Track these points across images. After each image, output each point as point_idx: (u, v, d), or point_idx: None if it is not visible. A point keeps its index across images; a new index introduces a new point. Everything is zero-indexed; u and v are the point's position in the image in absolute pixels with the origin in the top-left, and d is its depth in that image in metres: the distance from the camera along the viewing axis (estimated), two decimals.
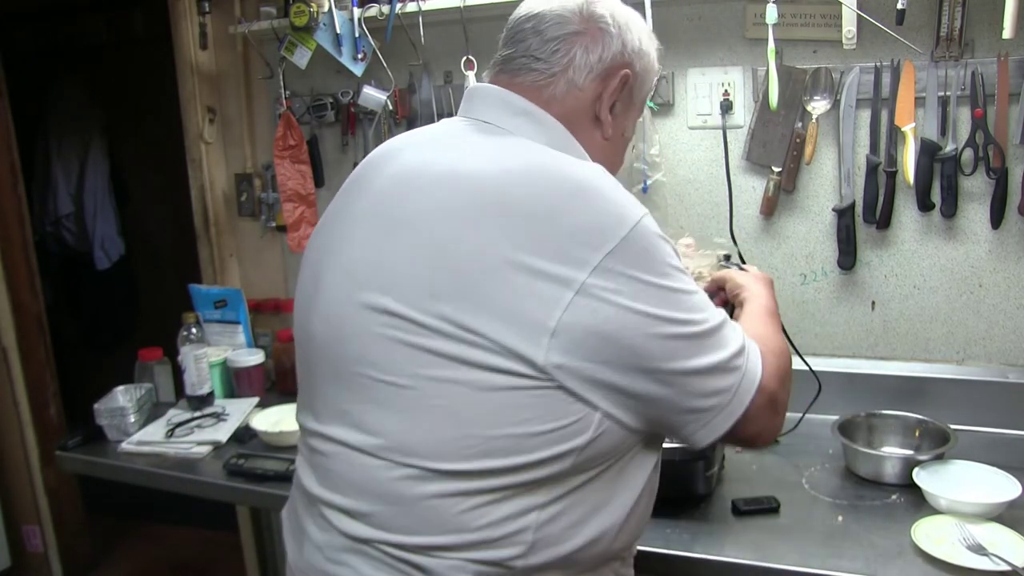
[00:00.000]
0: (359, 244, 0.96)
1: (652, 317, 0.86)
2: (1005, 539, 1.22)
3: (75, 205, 3.68)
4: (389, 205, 0.95)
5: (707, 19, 1.79)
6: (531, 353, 0.84)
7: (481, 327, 0.85)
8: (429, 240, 0.89)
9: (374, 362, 0.90)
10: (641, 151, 1.81)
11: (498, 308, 0.85)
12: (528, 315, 0.84)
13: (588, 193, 0.89)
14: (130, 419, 1.80)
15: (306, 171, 2.09)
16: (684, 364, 0.88)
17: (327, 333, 0.96)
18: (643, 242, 0.88)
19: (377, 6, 1.88)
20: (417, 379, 0.88)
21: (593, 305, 0.84)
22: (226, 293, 2.09)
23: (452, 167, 0.93)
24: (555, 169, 0.91)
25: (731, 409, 0.92)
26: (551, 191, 0.88)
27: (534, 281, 0.84)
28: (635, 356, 0.86)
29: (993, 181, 1.63)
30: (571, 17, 0.99)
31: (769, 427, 0.98)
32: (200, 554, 3.14)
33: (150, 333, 2.32)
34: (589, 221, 0.86)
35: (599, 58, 1.00)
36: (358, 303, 0.92)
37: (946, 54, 1.61)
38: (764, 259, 1.83)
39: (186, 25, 2.22)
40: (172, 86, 2.29)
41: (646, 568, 1.27)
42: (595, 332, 0.85)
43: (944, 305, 1.74)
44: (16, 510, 2.80)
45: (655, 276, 0.87)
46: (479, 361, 0.85)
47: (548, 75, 0.99)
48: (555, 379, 0.85)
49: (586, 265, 0.84)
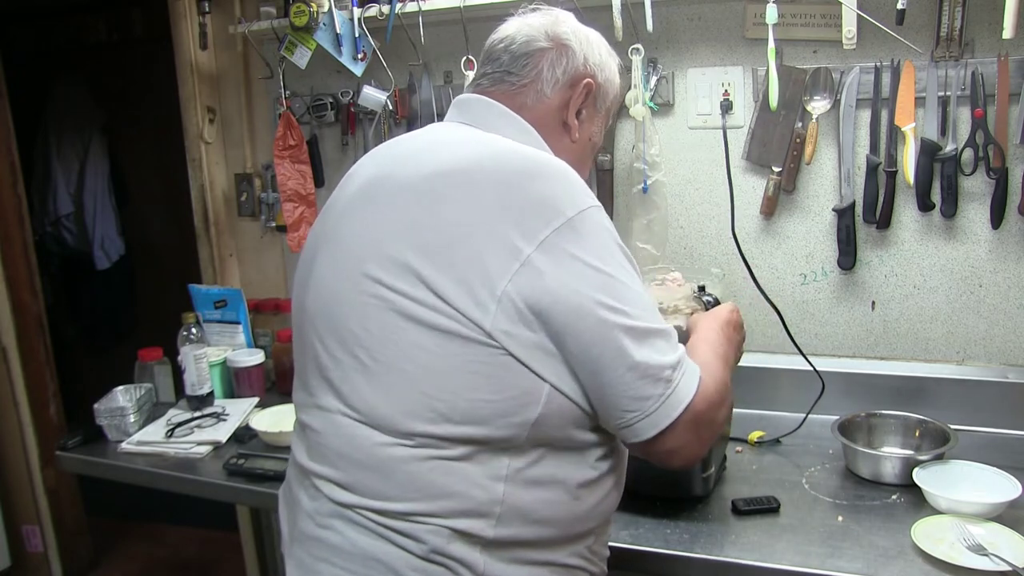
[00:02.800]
0: (348, 224, 1.05)
1: (588, 298, 0.92)
2: (1005, 539, 1.22)
3: (75, 205, 3.68)
4: (375, 186, 1.05)
5: (707, 19, 1.79)
6: (481, 318, 0.91)
7: (446, 290, 0.92)
8: (406, 211, 0.98)
9: (353, 328, 0.98)
10: (641, 151, 1.81)
11: (459, 272, 0.92)
12: (481, 280, 0.92)
13: (549, 174, 0.98)
14: (130, 419, 1.80)
15: (306, 171, 2.09)
16: (615, 352, 0.93)
17: (316, 306, 1.04)
18: (590, 226, 0.96)
19: (377, 6, 1.89)
20: (387, 344, 0.95)
21: (533, 278, 0.91)
22: (226, 293, 2.09)
23: (433, 153, 1.03)
24: (523, 153, 1.02)
25: (654, 419, 0.95)
26: (517, 168, 0.98)
27: (489, 246, 0.92)
28: (570, 332, 0.92)
29: (993, 181, 1.63)
30: (538, 36, 1.12)
31: (689, 449, 0.98)
32: (200, 554, 3.14)
33: (150, 333, 2.32)
34: (544, 196, 0.95)
35: (564, 70, 1.12)
36: (345, 272, 1.01)
37: (946, 54, 1.61)
38: (764, 259, 1.83)
39: (186, 25, 2.23)
40: (172, 86, 2.29)
41: (646, 568, 1.27)
42: (534, 303, 0.92)
43: (944, 305, 1.74)
44: (16, 510, 2.81)
45: (597, 260, 0.94)
46: (442, 325, 0.92)
47: (519, 85, 1.11)
48: (503, 346, 0.92)
49: (534, 239, 0.92)
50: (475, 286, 0.91)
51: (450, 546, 0.94)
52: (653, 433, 0.95)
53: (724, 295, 1.56)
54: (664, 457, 0.98)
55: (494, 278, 0.91)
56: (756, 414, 1.76)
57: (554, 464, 0.98)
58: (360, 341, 0.97)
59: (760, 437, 1.64)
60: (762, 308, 1.75)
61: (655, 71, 1.81)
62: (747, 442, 1.64)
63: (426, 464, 0.94)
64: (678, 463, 1.00)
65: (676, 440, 0.96)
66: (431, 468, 0.94)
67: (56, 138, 3.65)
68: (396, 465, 0.95)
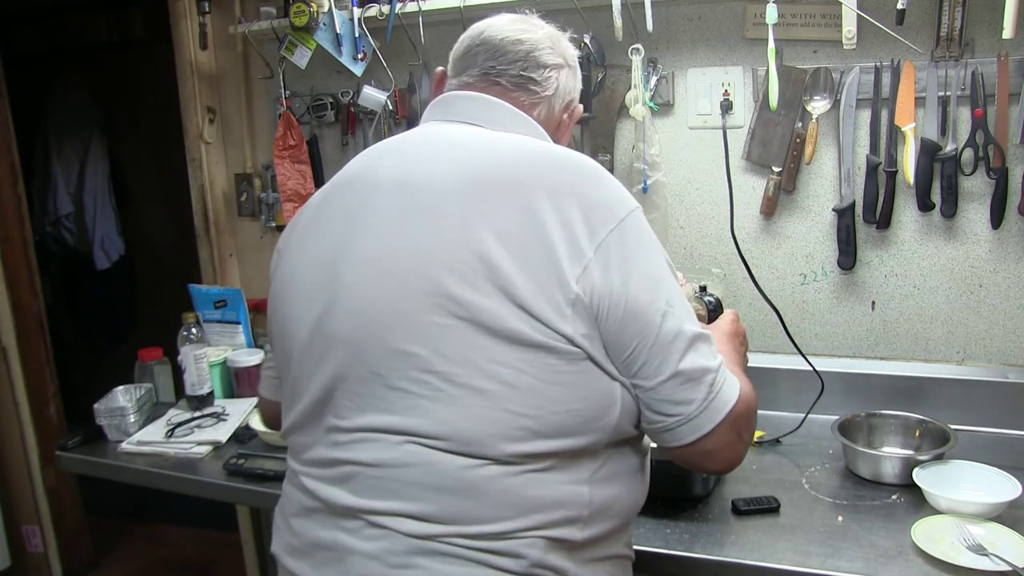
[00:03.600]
0: (383, 238, 0.96)
1: (645, 300, 0.92)
2: (1005, 539, 1.22)
3: (75, 205, 3.68)
4: (406, 195, 0.97)
5: (707, 19, 1.79)
6: (561, 325, 0.90)
7: (524, 299, 0.89)
8: (459, 220, 0.93)
9: (418, 351, 0.91)
10: (641, 151, 1.81)
11: (533, 279, 0.90)
12: (555, 285, 0.90)
13: (598, 174, 0.98)
14: (130, 419, 1.80)
15: (306, 171, 2.09)
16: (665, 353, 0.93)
17: (356, 330, 0.95)
18: (640, 227, 0.96)
19: (377, 6, 1.89)
20: (465, 364, 0.90)
21: (596, 279, 0.91)
22: (226, 293, 2.09)
23: (467, 157, 0.99)
24: (565, 153, 1.01)
25: (697, 423, 0.94)
26: (568, 168, 0.97)
27: (556, 250, 0.90)
28: (627, 332, 0.92)
29: (993, 181, 1.63)
30: (554, 49, 1.11)
31: (733, 450, 0.99)
32: (200, 554, 3.14)
33: (150, 333, 2.32)
34: (598, 197, 0.95)
35: (568, 90, 1.13)
36: (399, 290, 0.93)
37: (946, 54, 1.61)
38: (764, 259, 1.83)
39: (186, 25, 2.22)
40: (172, 86, 2.29)
41: (646, 568, 1.27)
42: (597, 303, 0.91)
43: (944, 305, 1.74)
44: (16, 510, 2.81)
45: (649, 262, 0.95)
46: (524, 337, 0.89)
47: (540, 96, 1.10)
48: (584, 350, 0.91)
49: (593, 240, 0.91)
50: (551, 292, 0.90)
51: (547, 556, 0.93)
52: (695, 437, 0.95)
53: (724, 295, 1.56)
54: (702, 459, 0.98)
55: (566, 282, 0.90)
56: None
57: (619, 457, 0.99)
58: (430, 365, 0.90)
59: (760, 437, 1.64)
60: (762, 308, 1.75)
61: (655, 71, 1.81)
62: None
63: (518, 479, 0.91)
64: (717, 466, 1.01)
65: (718, 442, 0.96)
66: (524, 483, 0.92)
67: (56, 138, 3.65)
68: (487, 485, 0.91)
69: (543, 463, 0.92)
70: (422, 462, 0.91)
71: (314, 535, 0.99)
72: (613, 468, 0.98)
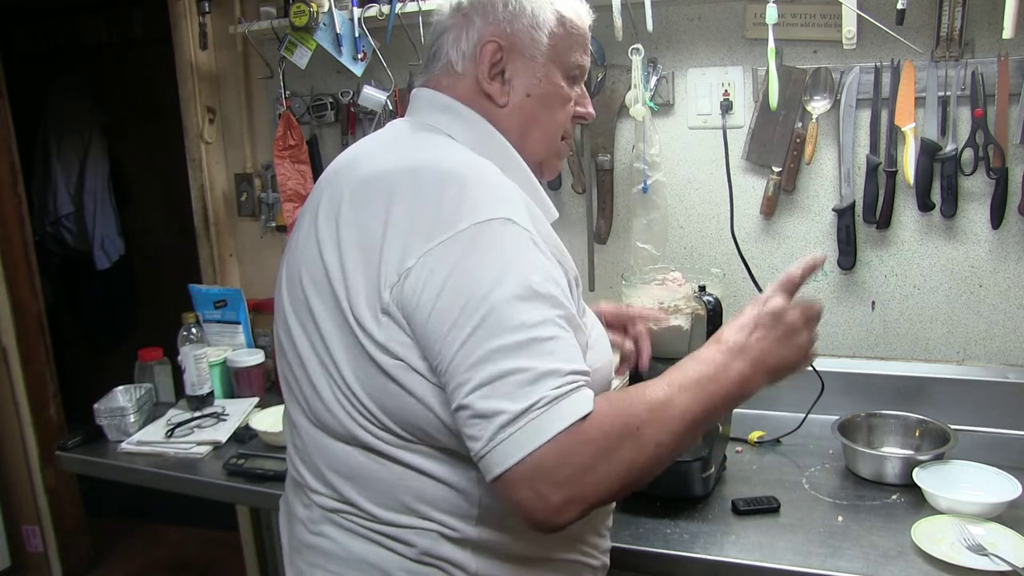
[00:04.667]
0: (297, 237, 1.06)
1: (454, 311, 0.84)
2: (1005, 539, 1.22)
3: (75, 205, 3.69)
4: (320, 203, 1.03)
5: (707, 19, 1.79)
6: (375, 331, 0.90)
7: (351, 307, 0.92)
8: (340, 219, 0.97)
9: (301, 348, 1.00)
10: (641, 151, 1.81)
11: (359, 290, 0.91)
12: (373, 294, 0.90)
13: (456, 185, 0.91)
14: (130, 419, 1.80)
15: (306, 171, 2.09)
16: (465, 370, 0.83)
17: (280, 329, 1.06)
18: (484, 239, 0.86)
19: (377, 6, 1.88)
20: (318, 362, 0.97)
21: (411, 287, 0.87)
22: (226, 293, 2.09)
23: (365, 165, 1.01)
24: (432, 163, 0.95)
25: (485, 463, 0.82)
26: (422, 181, 0.93)
27: (381, 260, 0.90)
28: (433, 343, 0.86)
29: (993, 181, 1.62)
30: (445, 14, 1.08)
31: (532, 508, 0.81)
32: (200, 554, 3.14)
33: (150, 333, 2.32)
34: (447, 208, 0.89)
35: (467, 41, 1.06)
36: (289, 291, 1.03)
37: (946, 54, 1.61)
38: (764, 259, 1.83)
39: (186, 25, 2.22)
40: (172, 86, 2.29)
41: (646, 568, 1.27)
42: (408, 311, 0.88)
43: (944, 305, 1.74)
44: (16, 510, 2.80)
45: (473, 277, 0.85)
46: (357, 343, 0.92)
47: (438, 70, 1.08)
48: (401, 357, 0.89)
49: (422, 248, 0.87)
50: (371, 300, 0.90)
51: (439, 547, 0.95)
52: (490, 477, 0.82)
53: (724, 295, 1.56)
54: (511, 507, 0.83)
55: (380, 291, 0.89)
56: (756, 414, 1.75)
57: None
58: (303, 362, 0.99)
59: (760, 437, 1.64)
60: None
61: (655, 71, 1.81)
62: (747, 442, 1.64)
63: (397, 470, 0.94)
64: (528, 519, 0.82)
65: (513, 494, 0.81)
66: (402, 475, 0.94)
67: (56, 138, 3.65)
68: (371, 474, 0.95)
69: (415, 457, 0.93)
70: (319, 446, 1.00)
71: (288, 497, 1.12)
72: None
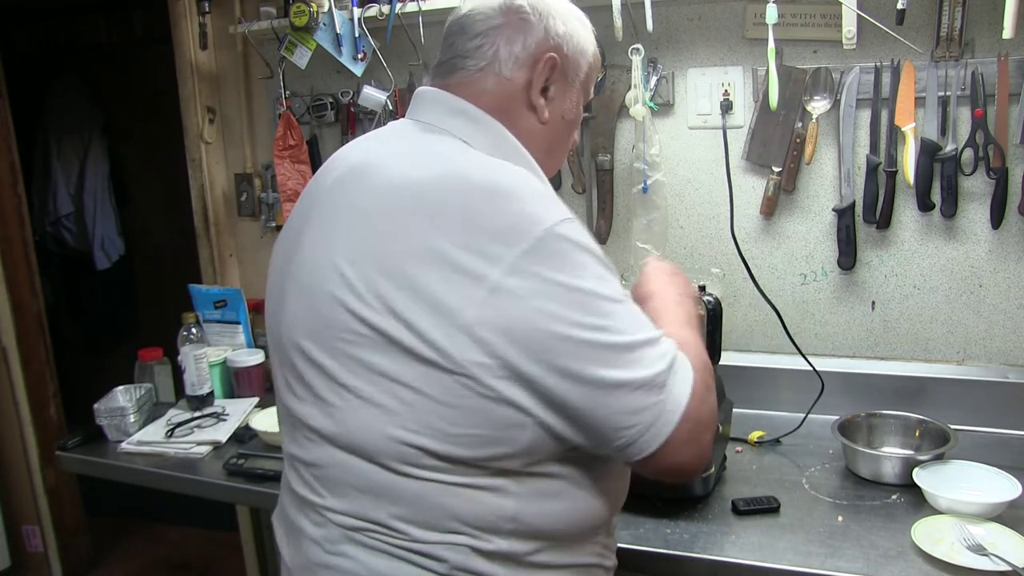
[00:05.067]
0: (310, 241, 0.99)
1: (561, 319, 0.85)
2: (1005, 539, 1.22)
3: (75, 205, 3.68)
4: (335, 204, 0.99)
5: (707, 19, 1.79)
6: (451, 350, 0.86)
7: (412, 316, 0.87)
8: (372, 232, 0.92)
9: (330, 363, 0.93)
10: (641, 151, 1.81)
11: (425, 299, 0.86)
12: (447, 308, 0.86)
13: (503, 196, 0.90)
14: (130, 419, 1.80)
15: (306, 171, 2.09)
16: (596, 372, 0.86)
17: (292, 340, 0.99)
18: (557, 244, 0.87)
19: (377, 6, 1.88)
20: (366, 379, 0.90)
21: (504, 303, 0.85)
22: (226, 293, 2.09)
23: (388, 171, 0.96)
24: (481, 174, 0.93)
25: (650, 436, 0.89)
26: (474, 193, 0.90)
27: (453, 275, 0.86)
28: (546, 356, 0.85)
29: (993, 181, 1.62)
30: (492, 13, 1.02)
31: (693, 458, 0.93)
32: (200, 554, 3.14)
33: (150, 333, 2.33)
34: (504, 222, 0.87)
35: (523, 47, 1.02)
36: (315, 301, 0.95)
37: (946, 54, 1.61)
38: (764, 259, 1.83)
39: (186, 25, 2.22)
40: (172, 86, 2.29)
41: (646, 568, 1.27)
42: (507, 331, 0.85)
43: (944, 305, 1.74)
44: (16, 510, 2.81)
45: (569, 277, 0.86)
46: (416, 355, 0.87)
47: (476, 70, 1.02)
48: (473, 376, 0.86)
49: (499, 262, 0.85)
50: (441, 312, 0.86)
51: (471, 562, 0.92)
52: (658, 444, 0.89)
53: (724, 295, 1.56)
54: (670, 470, 0.93)
55: (460, 305, 0.85)
56: (756, 414, 1.75)
57: (557, 475, 0.94)
58: (336, 377, 0.93)
59: (760, 437, 1.64)
60: (762, 308, 1.75)
61: (655, 71, 1.81)
62: (747, 442, 1.64)
63: (432, 488, 0.91)
64: (685, 477, 0.95)
65: (680, 455, 0.91)
66: (437, 492, 0.91)
67: (56, 138, 3.65)
68: (401, 492, 0.92)
69: (453, 476, 0.91)
70: (340, 463, 0.95)
71: (289, 513, 1.06)
72: (547, 485, 0.94)
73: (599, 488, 0.99)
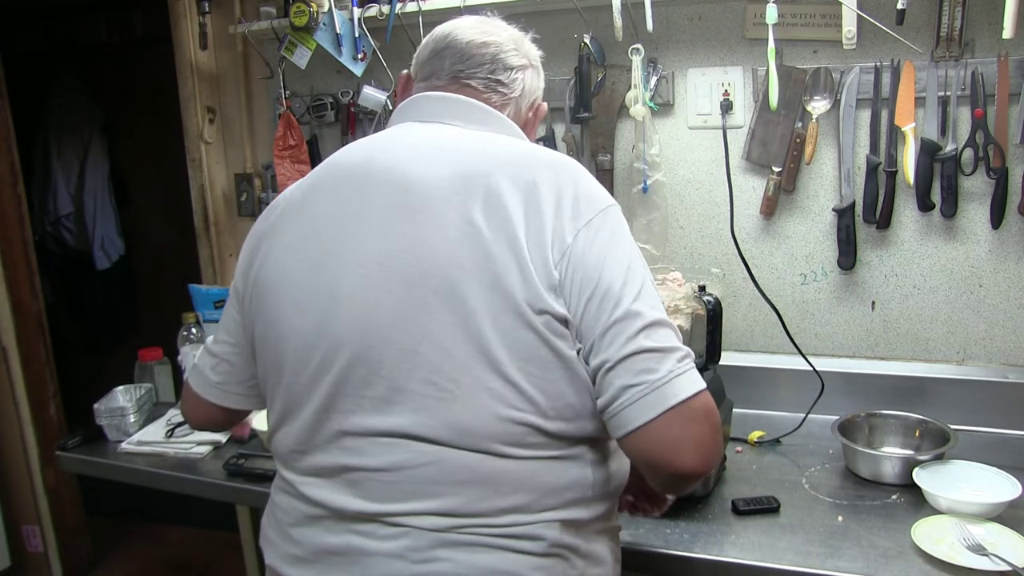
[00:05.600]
0: (378, 236, 0.96)
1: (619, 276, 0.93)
2: (1005, 539, 1.22)
3: (75, 205, 3.68)
4: (403, 194, 0.97)
5: (707, 19, 1.79)
6: (558, 309, 0.92)
7: (520, 293, 0.91)
8: (461, 221, 0.94)
9: (429, 352, 0.92)
10: (641, 151, 1.81)
11: (527, 274, 0.91)
12: (543, 275, 0.92)
13: (583, 170, 1.02)
14: (130, 419, 1.80)
15: (306, 171, 2.07)
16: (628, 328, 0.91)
17: (367, 334, 0.94)
18: (620, 219, 0.99)
19: (377, 6, 1.89)
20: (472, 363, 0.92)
21: (575, 260, 0.93)
22: (226, 293, 2.07)
23: (456, 157, 0.99)
24: (550, 152, 1.05)
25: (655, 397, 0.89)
26: (562, 165, 1.00)
27: (546, 243, 0.93)
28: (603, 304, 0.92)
29: (993, 181, 1.62)
30: (519, 50, 1.12)
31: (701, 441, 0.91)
32: (200, 554, 3.14)
33: (150, 333, 2.33)
34: (588, 190, 0.98)
35: (533, 89, 1.14)
36: (407, 291, 0.93)
37: (946, 54, 1.61)
38: (764, 259, 1.83)
39: (186, 25, 2.22)
40: (172, 86, 2.29)
41: (646, 568, 1.27)
42: (575, 283, 0.93)
43: (944, 305, 1.74)
44: (16, 510, 2.80)
45: (628, 244, 0.97)
46: (525, 334, 0.92)
47: (508, 97, 1.11)
48: (568, 336, 0.93)
49: (578, 223, 0.94)
50: (542, 280, 0.92)
51: (563, 536, 0.97)
52: (662, 409, 0.88)
53: (724, 295, 1.56)
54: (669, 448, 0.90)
55: (550, 270, 0.92)
56: (756, 414, 1.76)
57: (608, 438, 0.99)
58: (437, 365, 0.92)
59: (760, 437, 1.64)
60: (762, 308, 1.75)
61: (655, 71, 1.81)
62: (747, 442, 1.64)
63: (530, 466, 0.95)
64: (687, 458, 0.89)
65: (686, 428, 0.90)
66: (535, 470, 0.95)
67: (56, 138, 3.65)
68: (501, 477, 0.94)
69: (551, 451, 0.96)
70: (434, 460, 0.93)
71: (321, 541, 0.99)
72: (605, 448, 1.02)
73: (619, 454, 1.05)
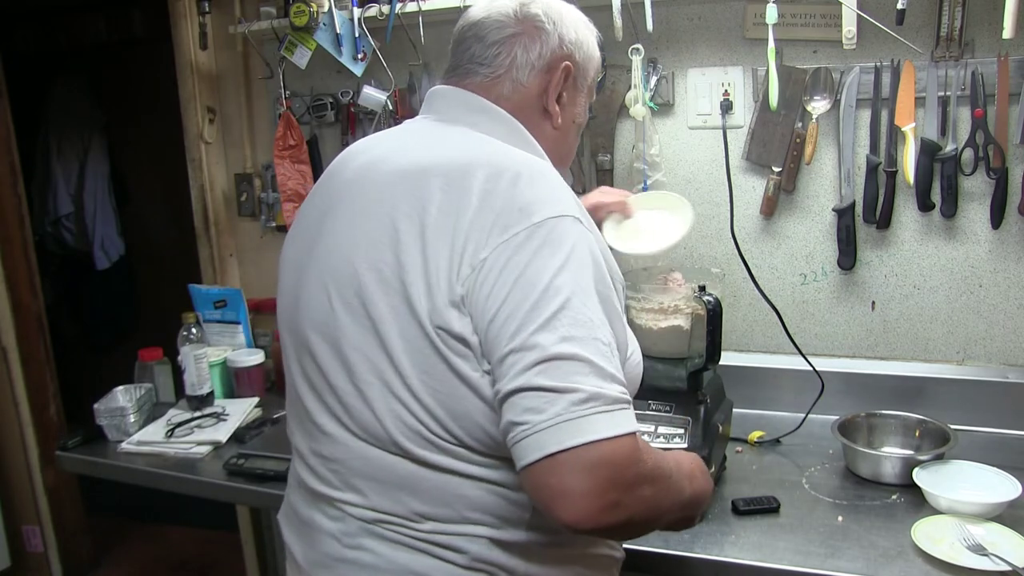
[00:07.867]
0: (332, 232, 1.00)
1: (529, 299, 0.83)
2: (1005, 539, 1.22)
3: (75, 205, 3.68)
4: (354, 195, 1.00)
5: (707, 19, 1.79)
6: (454, 327, 0.87)
7: (422, 303, 0.88)
8: (387, 221, 0.93)
9: (351, 354, 0.94)
10: (641, 151, 1.81)
11: (432, 284, 0.88)
12: (448, 286, 0.87)
13: (529, 177, 0.91)
14: (130, 419, 1.80)
15: (306, 171, 2.09)
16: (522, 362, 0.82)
17: (312, 331, 0.99)
18: (558, 235, 0.87)
19: (377, 6, 1.88)
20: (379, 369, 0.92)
21: (484, 277, 0.86)
22: (226, 293, 2.09)
23: (411, 159, 0.98)
24: (503, 153, 0.96)
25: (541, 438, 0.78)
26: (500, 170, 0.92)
27: (457, 252, 0.88)
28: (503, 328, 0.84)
29: (993, 181, 1.62)
30: (508, 21, 1.05)
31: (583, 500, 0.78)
32: (200, 554, 3.14)
33: (150, 333, 2.32)
34: (522, 200, 0.88)
35: (539, 55, 1.05)
36: (337, 291, 0.96)
37: (946, 54, 1.61)
38: (764, 259, 1.83)
39: (186, 25, 2.22)
40: (172, 86, 2.29)
41: (646, 568, 1.27)
42: (479, 300, 0.86)
43: (944, 305, 1.74)
44: (16, 510, 2.81)
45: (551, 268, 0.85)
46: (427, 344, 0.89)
47: (493, 77, 1.04)
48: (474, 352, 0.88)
49: (503, 233, 0.86)
50: (445, 293, 0.87)
51: (490, 553, 0.94)
52: (539, 455, 0.78)
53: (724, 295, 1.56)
54: (547, 495, 0.79)
55: (454, 284, 0.87)
56: (756, 414, 1.76)
57: None
58: (352, 367, 0.94)
59: (760, 437, 1.64)
60: (762, 308, 1.75)
61: (655, 71, 1.81)
62: (747, 442, 1.64)
63: (450, 479, 0.92)
64: (564, 512, 0.78)
65: (566, 480, 0.78)
66: (457, 484, 0.92)
67: (56, 138, 3.65)
68: (420, 483, 0.93)
69: (471, 468, 0.92)
70: (360, 456, 0.96)
71: (300, 509, 1.06)
72: None
73: None
